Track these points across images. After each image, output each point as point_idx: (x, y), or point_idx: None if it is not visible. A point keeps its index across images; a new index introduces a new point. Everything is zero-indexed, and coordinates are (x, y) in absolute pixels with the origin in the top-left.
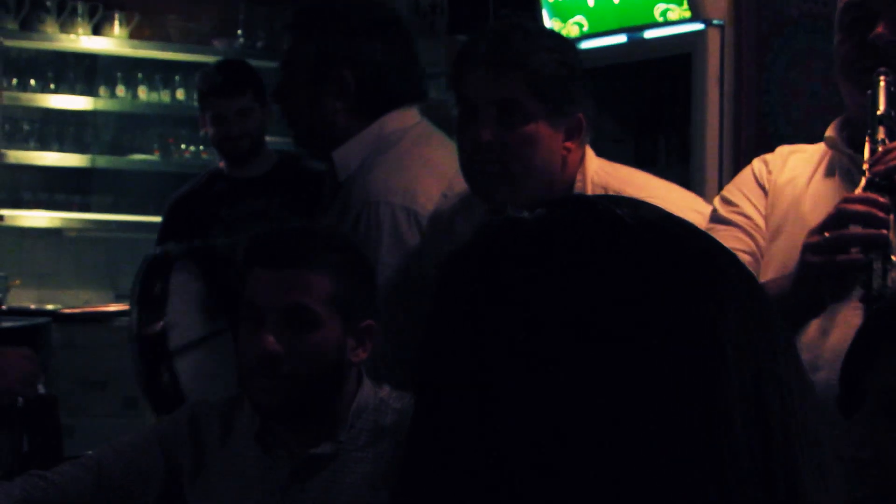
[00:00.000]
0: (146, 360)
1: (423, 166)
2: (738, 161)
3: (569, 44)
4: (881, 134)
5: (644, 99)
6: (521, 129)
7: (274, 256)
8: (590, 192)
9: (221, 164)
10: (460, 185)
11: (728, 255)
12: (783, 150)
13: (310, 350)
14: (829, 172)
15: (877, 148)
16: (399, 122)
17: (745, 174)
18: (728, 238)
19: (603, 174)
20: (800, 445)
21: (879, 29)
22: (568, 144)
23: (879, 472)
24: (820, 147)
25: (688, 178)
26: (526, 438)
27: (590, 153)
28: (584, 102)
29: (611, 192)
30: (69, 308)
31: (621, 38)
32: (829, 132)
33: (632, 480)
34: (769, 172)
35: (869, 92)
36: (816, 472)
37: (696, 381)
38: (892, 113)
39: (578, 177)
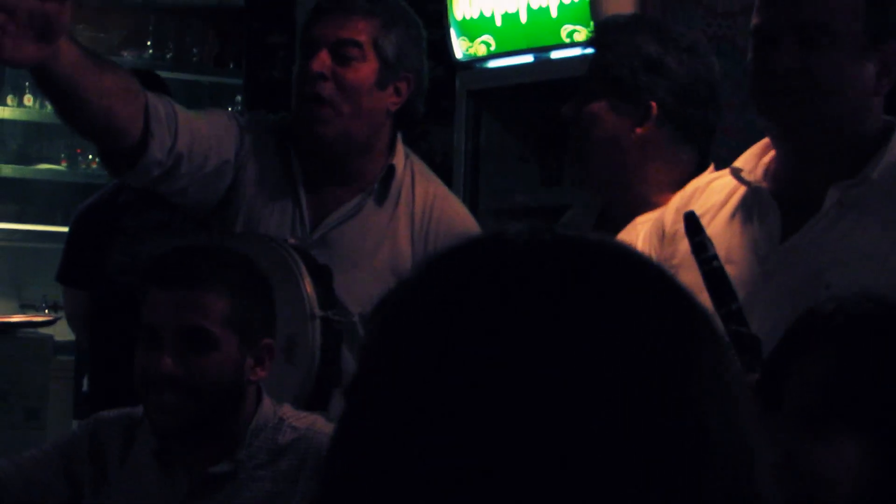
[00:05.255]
0: None
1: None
2: None
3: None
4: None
5: (550, 119)
6: (353, 64)
7: (170, 277)
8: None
9: None
10: None
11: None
12: (701, 179)
13: (207, 371)
14: (741, 206)
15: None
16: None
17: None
18: None
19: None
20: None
21: (779, 55)
22: (393, 99)
23: (790, 476)
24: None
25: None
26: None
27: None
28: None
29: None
30: None
31: (528, 58)
32: (739, 161)
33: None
34: (672, 221)
35: None
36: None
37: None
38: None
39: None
